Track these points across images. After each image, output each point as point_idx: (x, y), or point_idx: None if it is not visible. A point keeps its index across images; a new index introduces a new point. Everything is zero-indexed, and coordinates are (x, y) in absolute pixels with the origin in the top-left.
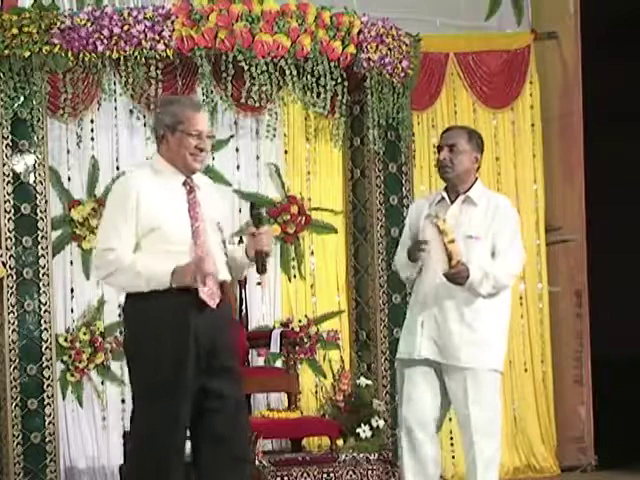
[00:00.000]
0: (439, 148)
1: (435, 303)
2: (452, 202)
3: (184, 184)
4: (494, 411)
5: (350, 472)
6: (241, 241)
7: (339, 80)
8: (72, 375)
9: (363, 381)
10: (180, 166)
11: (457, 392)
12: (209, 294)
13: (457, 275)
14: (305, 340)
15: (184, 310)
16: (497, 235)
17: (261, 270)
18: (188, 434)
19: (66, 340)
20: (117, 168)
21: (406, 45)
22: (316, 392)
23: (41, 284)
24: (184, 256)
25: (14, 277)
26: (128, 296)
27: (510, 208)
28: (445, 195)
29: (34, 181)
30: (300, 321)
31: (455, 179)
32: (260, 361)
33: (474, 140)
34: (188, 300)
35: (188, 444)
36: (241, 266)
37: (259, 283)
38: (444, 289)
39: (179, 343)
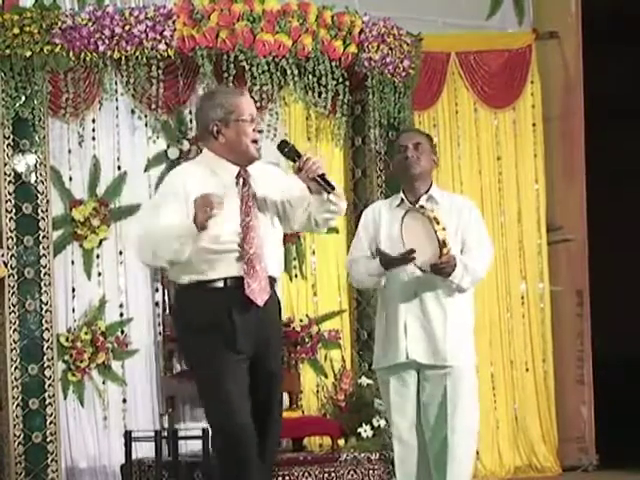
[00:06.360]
0: (404, 148)
1: (416, 297)
2: (412, 204)
3: (238, 177)
4: (471, 408)
5: (351, 472)
6: None
7: (340, 80)
8: (73, 375)
9: (364, 381)
10: (239, 157)
11: (435, 392)
12: (257, 290)
13: (447, 264)
14: (306, 339)
15: (226, 308)
16: (466, 231)
17: (330, 189)
18: None
19: (67, 340)
20: (118, 168)
21: (407, 45)
22: (317, 392)
23: (42, 284)
24: (235, 254)
25: (15, 277)
26: (176, 293)
27: (473, 205)
28: (404, 197)
29: (35, 181)
30: (301, 320)
31: (419, 176)
32: None
33: (432, 143)
34: (231, 298)
35: None
36: (320, 204)
37: None
38: (425, 282)
39: (221, 342)
